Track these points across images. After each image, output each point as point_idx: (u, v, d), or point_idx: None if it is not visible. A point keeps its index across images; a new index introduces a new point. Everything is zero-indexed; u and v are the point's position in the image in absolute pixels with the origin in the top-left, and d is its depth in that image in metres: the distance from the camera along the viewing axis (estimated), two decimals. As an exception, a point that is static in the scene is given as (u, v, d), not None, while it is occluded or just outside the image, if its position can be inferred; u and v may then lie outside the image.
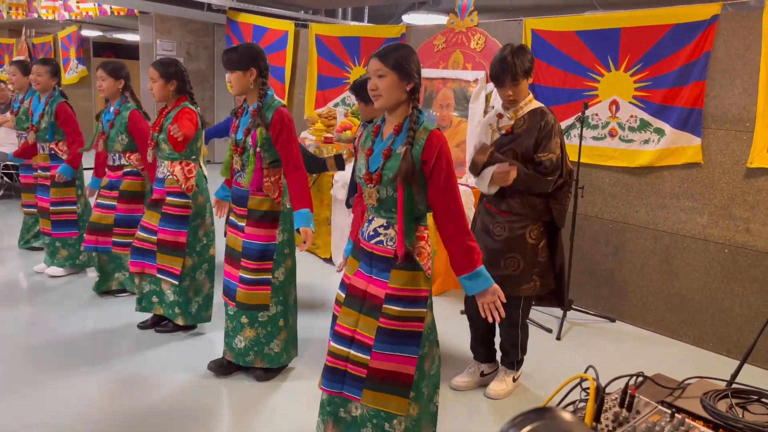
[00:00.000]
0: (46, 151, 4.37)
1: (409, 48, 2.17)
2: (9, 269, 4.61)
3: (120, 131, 3.83)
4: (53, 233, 4.38)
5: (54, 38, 10.55)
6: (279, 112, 2.78)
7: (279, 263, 2.92)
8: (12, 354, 3.26)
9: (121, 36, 12.31)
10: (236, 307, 2.94)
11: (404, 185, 2.06)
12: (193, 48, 8.97)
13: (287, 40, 6.83)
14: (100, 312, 3.90)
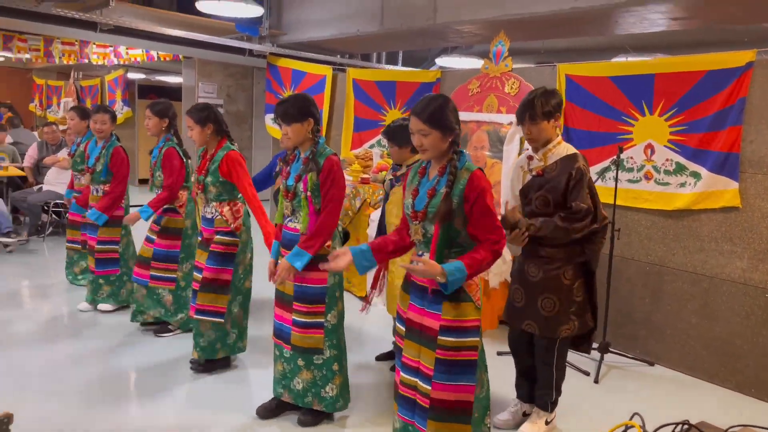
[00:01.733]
0: (99, 193, 4.58)
1: (444, 98, 2.32)
2: (56, 304, 4.79)
3: (158, 168, 4.03)
4: (96, 271, 4.55)
5: (101, 81, 11.04)
6: (330, 159, 2.87)
7: (331, 306, 2.96)
8: (62, 390, 3.38)
9: (164, 78, 12.83)
10: (292, 350, 2.98)
11: (441, 224, 2.23)
12: (232, 90, 9.31)
13: (325, 84, 7.06)
14: (146, 348, 4.02)
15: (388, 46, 8.72)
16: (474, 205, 2.22)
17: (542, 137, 2.94)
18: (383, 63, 9.48)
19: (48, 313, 4.62)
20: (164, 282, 4.09)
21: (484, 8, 5.58)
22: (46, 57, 9.32)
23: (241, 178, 3.48)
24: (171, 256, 4.06)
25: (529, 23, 5.62)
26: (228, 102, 9.26)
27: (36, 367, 3.64)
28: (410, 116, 2.31)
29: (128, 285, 4.63)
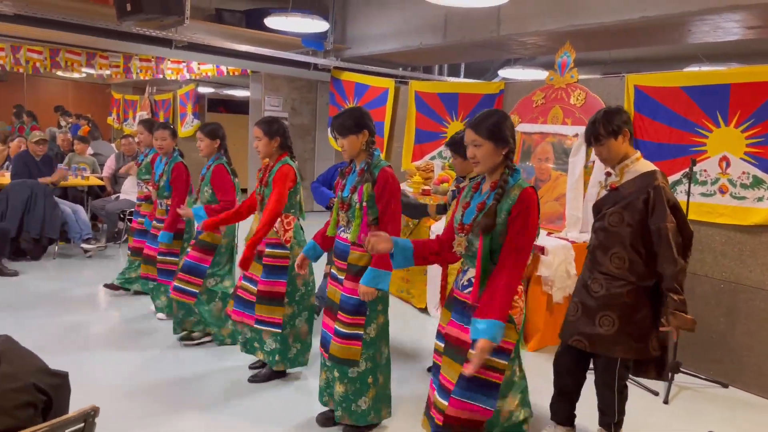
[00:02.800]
0: (164, 207, 4.74)
1: (501, 114, 2.32)
2: (130, 308, 5.01)
3: (206, 183, 4.11)
4: (159, 279, 4.67)
5: (174, 95, 11.55)
6: (384, 171, 2.91)
7: (371, 319, 2.95)
8: (120, 396, 3.54)
9: (232, 92, 13.29)
10: (329, 359, 3.00)
11: (484, 236, 2.21)
12: (297, 103, 9.55)
13: (387, 97, 7.15)
14: (200, 356, 4.16)
15: (451, 58, 8.75)
16: (515, 221, 2.20)
17: (613, 156, 2.88)
18: (445, 75, 9.51)
19: (122, 316, 4.86)
20: (186, 296, 4.09)
21: (549, 19, 5.52)
22: (124, 73, 9.85)
23: (276, 190, 3.48)
24: (199, 270, 4.07)
25: (596, 33, 5.52)
26: (293, 115, 9.50)
27: (110, 367, 3.83)
28: (465, 128, 2.33)
29: None
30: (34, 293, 5.24)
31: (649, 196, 2.76)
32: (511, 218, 2.21)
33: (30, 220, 6.10)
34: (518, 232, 2.20)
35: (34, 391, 1.36)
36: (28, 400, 1.37)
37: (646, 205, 2.76)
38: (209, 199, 4.12)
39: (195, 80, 10.88)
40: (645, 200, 2.77)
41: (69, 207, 6.61)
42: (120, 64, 9.57)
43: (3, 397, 1.28)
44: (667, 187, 2.82)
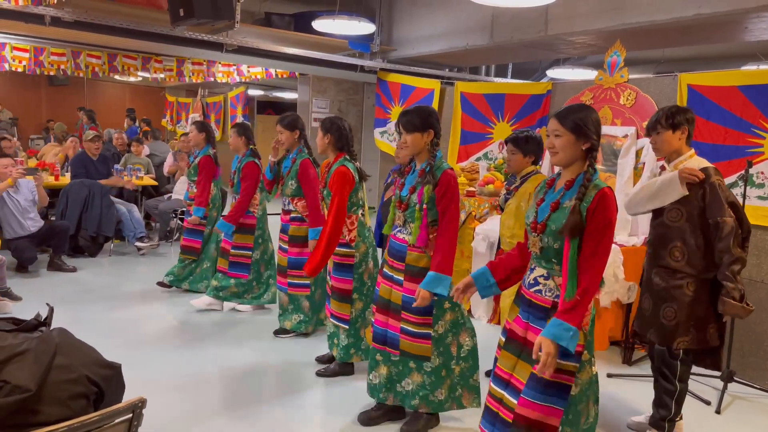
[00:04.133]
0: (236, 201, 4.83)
1: (589, 109, 2.26)
2: (183, 304, 5.16)
3: (292, 177, 4.19)
4: (229, 272, 4.88)
5: (224, 98, 11.83)
6: (447, 174, 2.89)
7: (438, 317, 2.96)
8: (185, 383, 3.66)
9: (280, 94, 13.52)
10: (400, 355, 3.03)
11: (572, 239, 2.13)
12: (344, 105, 9.64)
13: (433, 98, 7.14)
14: (275, 349, 4.25)
15: (498, 58, 8.67)
16: (591, 222, 2.12)
17: (665, 148, 2.98)
18: (492, 75, 9.42)
19: (175, 312, 5.01)
20: (300, 288, 4.28)
21: (599, 18, 5.41)
22: (178, 76, 10.14)
23: (336, 193, 3.53)
24: (301, 263, 4.12)
25: (648, 32, 5.38)
26: (339, 116, 9.60)
27: (164, 360, 3.96)
28: (549, 118, 2.31)
29: (255, 289, 4.97)
30: (91, 289, 5.46)
31: (705, 192, 2.84)
32: (588, 217, 2.13)
33: (88, 218, 6.36)
34: (595, 235, 2.12)
35: (87, 383, 1.42)
36: (81, 391, 1.43)
37: (703, 200, 2.85)
38: (294, 193, 4.20)
39: (245, 83, 11.11)
40: (702, 195, 2.85)
41: (124, 206, 6.85)
42: (173, 68, 9.86)
43: (57, 388, 1.35)
44: (723, 184, 2.87)
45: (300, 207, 4.22)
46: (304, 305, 4.35)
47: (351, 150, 3.74)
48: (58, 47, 8.86)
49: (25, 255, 5.69)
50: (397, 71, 7.97)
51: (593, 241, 2.12)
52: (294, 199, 4.23)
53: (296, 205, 4.23)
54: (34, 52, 8.80)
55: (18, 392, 1.31)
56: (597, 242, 2.12)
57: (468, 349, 3.07)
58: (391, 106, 7.88)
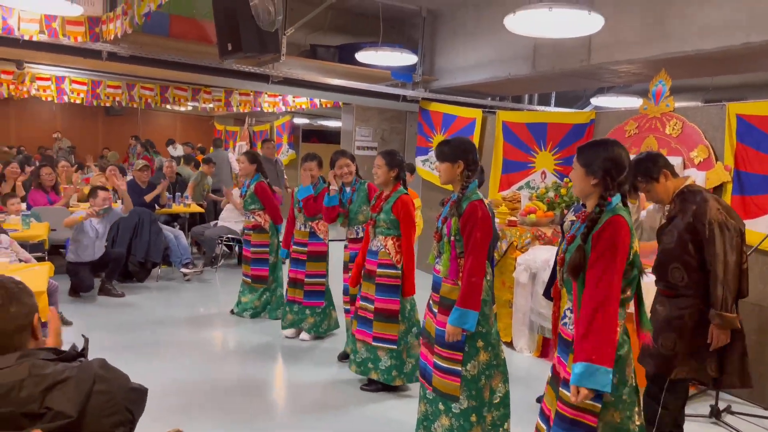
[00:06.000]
0: (306, 229, 4.92)
1: (608, 143, 2.24)
2: (232, 334, 5.24)
3: (362, 203, 4.31)
4: (304, 302, 4.92)
5: (271, 126, 12.12)
6: (472, 205, 2.88)
7: (470, 356, 2.88)
8: (229, 407, 3.71)
9: (325, 123, 13.77)
10: (433, 392, 2.99)
11: (575, 278, 2.14)
12: (387, 133, 9.73)
13: (475, 127, 7.15)
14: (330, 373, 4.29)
15: (540, 87, 8.64)
16: (594, 248, 2.09)
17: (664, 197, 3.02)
18: (535, 104, 9.39)
19: (221, 335, 5.10)
20: None
21: (643, 47, 5.34)
22: (226, 106, 10.48)
23: (406, 222, 3.77)
24: None
25: (694, 61, 5.28)
26: (382, 145, 9.68)
27: (211, 387, 4.02)
28: None
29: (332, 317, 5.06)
30: (139, 313, 5.61)
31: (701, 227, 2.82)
32: (592, 244, 2.11)
33: (137, 244, 6.56)
34: (597, 263, 2.07)
35: (124, 410, 1.47)
36: (120, 418, 1.47)
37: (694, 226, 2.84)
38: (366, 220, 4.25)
39: (290, 112, 11.37)
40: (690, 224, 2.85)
41: (171, 233, 7.05)
42: (222, 99, 10.19)
43: (98, 415, 1.39)
44: (721, 216, 2.83)
45: None
46: None
47: (405, 180, 3.93)
48: (114, 80, 9.30)
49: (85, 282, 5.88)
50: (439, 100, 8.03)
51: (593, 270, 2.08)
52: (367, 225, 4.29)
53: None
54: (91, 85, 9.25)
55: (60, 418, 1.36)
56: (598, 271, 2.07)
57: (501, 395, 2.99)
58: (432, 135, 7.93)
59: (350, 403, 3.83)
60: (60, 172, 7.64)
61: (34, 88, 9.29)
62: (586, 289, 2.10)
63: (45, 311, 3.17)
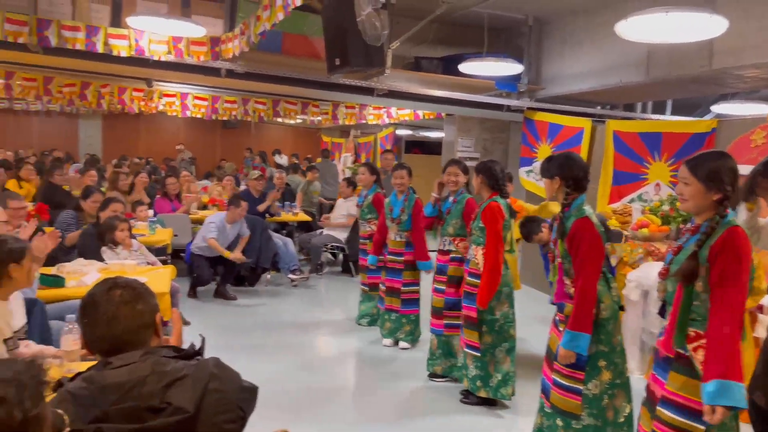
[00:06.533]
0: (400, 239, 5.00)
1: (724, 158, 2.14)
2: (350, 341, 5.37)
3: (455, 216, 4.28)
4: (401, 310, 4.99)
5: (375, 138, 12.36)
6: (577, 223, 2.76)
7: (592, 375, 2.78)
8: (336, 411, 3.82)
9: (427, 134, 13.85)
10: (551, 407, 2.92)
11: (684, 284, 2.05)
12: (489, 144, 9.62)
13: (582, 137, 6.91)
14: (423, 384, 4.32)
15: (655, 95, 8.19)
16: (714, 262, 2.00)
17: None
18: (649, 112, 8.91)
19: (326, 341, 5.26)
20: (456, 330, 4.19)
21: (773, 49, 4.94)
22: (332, 119, 10.82)
23: (489, 229, 3.74)
24: (459, 305, 4.11)
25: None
26: (484, 155, 9.57)
27: (314, 389, 4.16)
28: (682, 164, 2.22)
29: None
30: (249, 316, 5.91)
31: None
32: (710, 259, 2.02)
33: (249, 251, 6.92)
34: (719, 274, 1.99)
35: (236, 408, 1.56)
36: (233, 416, 1.57)
37: None
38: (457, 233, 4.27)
39: (394, 124, 11.54)
40: None
41: (280, 240, 7.37)
42: (329, 112, 10.53)
43: (213, 412, 1.49)
44: None
45: (461, 247, 4.24)
46: (458, 348, 4.23)
47: (504, 190, 3.88)
48: (231, 95, 9.89)
49: (204, 276, 6.38)
50: (544, 110, 7.84)
51: (718, 280, 1.98)
52: (456, 239, 4.28)
53: (458, 245, 4.27)
54: (211, 100, 9.91)
55: (179, 413, 1.46)
56: (722, 280, 1.98)
57: (625, 415, 2.84)
58: (537, 145, 7.75)
59: (451, 411, 3.83)
60: (182, 182, 8.22)
61: (161, 104, 10.09)
62: (713, 308, 2.01)
63: (167, 311, 3.43)
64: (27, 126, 16.02)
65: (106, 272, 4.13)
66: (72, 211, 5.30)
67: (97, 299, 1.61)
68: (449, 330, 4.27)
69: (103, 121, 16.52)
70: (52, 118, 15.98)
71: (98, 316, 1.59)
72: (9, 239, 2.60)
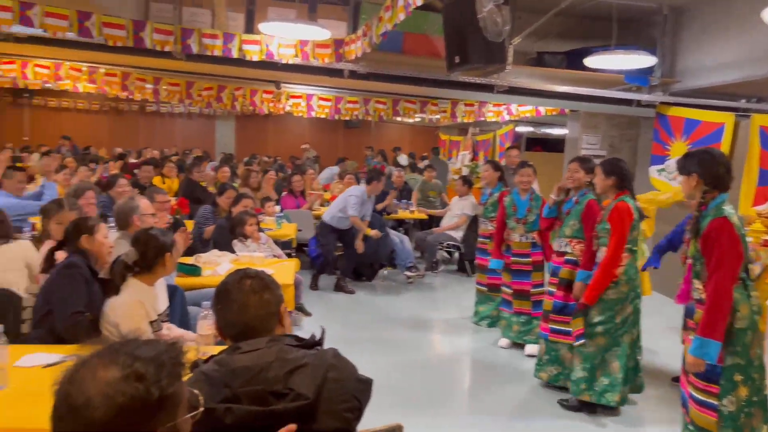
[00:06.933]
0: (527, 240, 4.90)
1: None
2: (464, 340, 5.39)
3: (574, 217, 4.11)
4: (533, 312, 4.84)
5: (493, 135, 12.17)
6: (712, 223, 2.59)
7: (727, 390, 2.60)
8: (450, 409, 3.82)
9: (549, 131, 13.42)
10: (691, 424, 2.77)
11: None
12: (616, 141, 9.13)
13: (723, 133, 6.37)
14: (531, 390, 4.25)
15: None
16: None
17: None
18: (803, 105, 8.02)
19: (439, 340, 5.29)
20: (562, 336, 4.07)
21: None
22: (451, 117, 10.80)
23: (614, 230, 3.59)
24: (568, 309, 4.01)
25: None
26: (611, 153, 9.10)
27: (428, 386, 4.20)
28: None
29: None
30: (366, 310, 6.08)
31: None
32: None
33: (367, 246, 7.09)
34: None
35: (353, 398, 1.61)
36: (350, 405, 1.63)
37: None
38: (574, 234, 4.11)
39: (513, 121, 11.29)
40: None
41: (397, 237, 7.48)
42: (447, 110, 10.52)
43: (331, 401, 1.56)
44: None
45: (578, 250, 4.07)
46: (564, 356, 4.10)
47: (632, 189, 3.73)
48: (353, 96, 10.18)
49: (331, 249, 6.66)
50: (680, 104, 7.30)
51: None
52: (573, 241, 4.11)
53: (574, 247, 4.10)
54: (334, 101, 10.26)
55: (300, 399, 1.54)
56: None
57: None
58: (670, 142, 7.24)
59: (556, 416, 3.69)
60: (306, 180, 8.59)
61: (288, 105, 10.60)
62: None
63: (290, 302, 3.62)
64: (171, 127, 17.54)
65: (237, 263, 4.42)
66: (209, 206, 5.76)
67: (230, 288, 1.74)
68: (554, 335, 4.10)
69: (236, 122, 17.69)
70: (193, 120, 17.41)
71: (230, 304, 1.72)
72: (159, 233, 2.89)
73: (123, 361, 1.11)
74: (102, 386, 1.08)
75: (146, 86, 9.49)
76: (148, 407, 1.10)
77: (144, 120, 17.15)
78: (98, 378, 1.09)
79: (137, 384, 1.09)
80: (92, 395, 1.07)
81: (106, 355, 1.13)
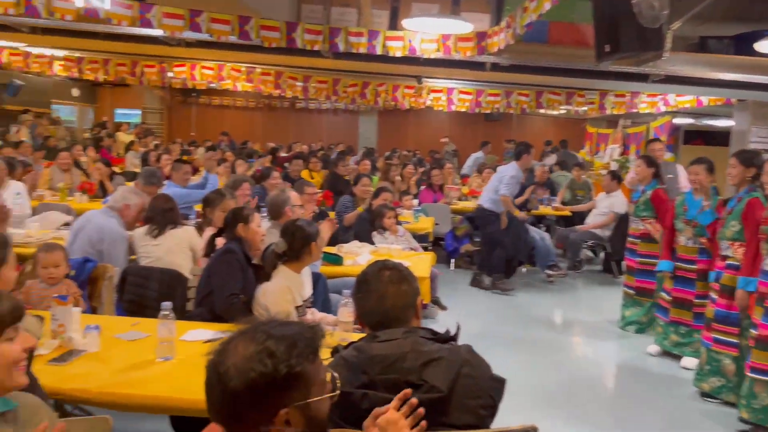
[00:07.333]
0: (695, 244, 4.37)
1: None
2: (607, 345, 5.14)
3: (735, 217, 3.73)
4: (694, 324, 4.38)
5: (647, 128, 11.36)
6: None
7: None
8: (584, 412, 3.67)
9: (711, 122, 12.27)
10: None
11: None
12: (795, 133, 8.13)
13: None
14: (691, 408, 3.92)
15: None
16: None
17: None
18: None
19: (580, 342, 5.08)
20: (725, 347, 3.74)
21: None
22: (599, 109, 10.27)
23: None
24: (731, 319, 3.70)
25: None
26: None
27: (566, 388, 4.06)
28: None
29: None
30: (502, 307, 5.99)
31: None
32: None
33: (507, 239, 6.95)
34: None
35: (487, 396, 1.60)
36: (484, 402, 1.62)
37: None
38: (735, 236, 3.75)
39: (670, 112, 10.47)
40: None
41: (537, 234, 7.26)
42: (595, 101, 10.01)
43: (464, 396, 1.56)
44: None
45: (740, 253, 3.68)
46: (727, 368, 3.74)
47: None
48: (495, 89, 10.03)
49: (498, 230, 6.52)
50: None
51: None
52: (734, 244, 3.73)
53: (736, 250, 3.72)
54: (475, 94, 10.17)
55: (434, 392, 1.56)
56: None
57: None
58: None
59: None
60: (445, 174, 8.61)
61: (429, 100, 10.68)
62: None
63: (426, 295, 3.66)
64: (318, 123, 18.46)
65: (376, 254, 4.56)
66: (349, 196, 6.01)
67: (369, 278, 1.81)
68: (717, 345, 3.76)
69: (378, 117, 18.17)
70: (338, 115, 18.20)
71: (369, 293, 1.78)
72: (305, 224, 3.07)
73: (259, 338, 1.22)
74: (239, 359, 1.20)
75: (297, 84, 10.08)
76: (276, 383, 1.19)
77: (294, 116, 18.20)
78: (238, 352, 1.21)
79: (267, 360, 1.20)
80: (230, 366, 1.20)
81: (249, 332, 1.25)
